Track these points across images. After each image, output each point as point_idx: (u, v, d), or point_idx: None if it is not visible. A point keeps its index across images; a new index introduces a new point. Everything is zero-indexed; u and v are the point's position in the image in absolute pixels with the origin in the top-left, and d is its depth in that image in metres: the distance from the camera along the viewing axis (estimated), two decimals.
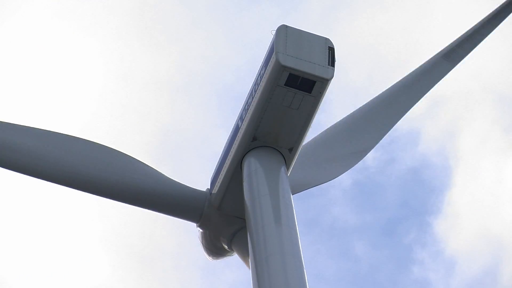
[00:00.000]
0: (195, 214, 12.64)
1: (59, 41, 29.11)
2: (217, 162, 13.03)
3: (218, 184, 12.48)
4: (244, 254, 12.14)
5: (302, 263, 10.72)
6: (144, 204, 13.18)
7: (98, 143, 14.15)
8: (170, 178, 13.24)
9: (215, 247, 12.47)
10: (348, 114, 15.30)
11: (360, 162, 12.51)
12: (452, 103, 23.76)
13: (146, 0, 28.16)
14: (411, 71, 16.40)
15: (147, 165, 13.41)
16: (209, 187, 12.95)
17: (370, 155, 10.95)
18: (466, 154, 23.94)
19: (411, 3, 25.51)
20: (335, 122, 16.03)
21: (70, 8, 29.37)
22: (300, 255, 10.77)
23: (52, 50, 29.07)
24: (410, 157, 24.64)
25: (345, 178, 22.10)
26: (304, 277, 10.56)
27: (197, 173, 13.24)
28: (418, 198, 25.25)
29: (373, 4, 25.19)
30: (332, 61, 11.64)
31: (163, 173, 13.50)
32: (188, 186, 13.12)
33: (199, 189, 13.39)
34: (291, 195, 11.78)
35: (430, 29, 25.62)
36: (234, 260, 12.56)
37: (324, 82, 11.32)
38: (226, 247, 12.45)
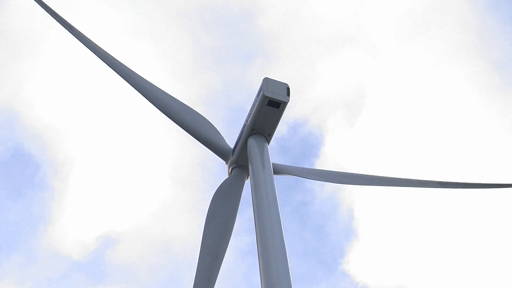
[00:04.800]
0: (225, 157, 17.79)
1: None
2: (235, 140, 17.73)
3: (236, 151, 17.38)
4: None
5: (275, 191, 15.06)
6: (201, 140, 18.00)
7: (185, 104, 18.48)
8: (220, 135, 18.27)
9: None
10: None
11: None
12: (323, 107, 39.24)
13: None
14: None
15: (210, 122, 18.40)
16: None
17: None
18: (330, 130, 39.76)
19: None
20: None
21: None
22: (273, 185, 15.28)
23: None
24: (305, 131, 39.36)
25: None
26: (275, 195, 14.86)
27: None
28: (307, 151, 40.65)
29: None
30: (288, 93, 16.57)
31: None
32: (226, 144, 18.08)
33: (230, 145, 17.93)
34: (270, 159, 16.33)
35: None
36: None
37: (284, 103, 16.60)
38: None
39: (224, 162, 17.81)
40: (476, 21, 41.58)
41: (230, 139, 18.69)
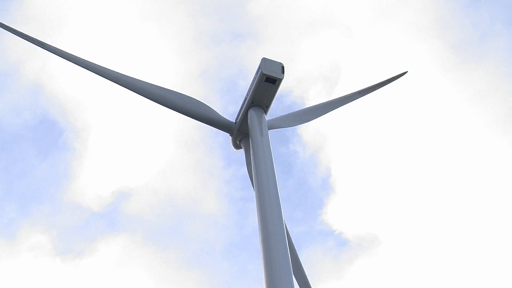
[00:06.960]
0: (229, 130, 18.48)
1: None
2: (237, 112, 18.55)
3: (238, 121, 18.16)
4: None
5: (271, 153, 16.20)
6: (203, 121, 18.35)
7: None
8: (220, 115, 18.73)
9: (236, 145, 18.52)
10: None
11: None
12: (305, 79, 42.65)
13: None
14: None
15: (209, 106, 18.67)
16: (234, 120, 18.43)
17: None
18: (311, 100, 42.34)
19: None
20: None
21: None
22: (270, 148, 16.27)
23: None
24: (288, 100, 42.60)
25: None
26: (271, 156, 16.01)
27: None
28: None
29: None
30: (283, 71, 17.37)
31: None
32: (227, 119, 18.72)
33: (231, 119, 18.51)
34: (267, 125, 17.32)
35: None
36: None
37: (279, 80, 17.33)
38: (239, 144, 18.50)
39: (229, 134, 18.79)
40: (435, 7, 47.09)
41: (225, 107, 21.90)
